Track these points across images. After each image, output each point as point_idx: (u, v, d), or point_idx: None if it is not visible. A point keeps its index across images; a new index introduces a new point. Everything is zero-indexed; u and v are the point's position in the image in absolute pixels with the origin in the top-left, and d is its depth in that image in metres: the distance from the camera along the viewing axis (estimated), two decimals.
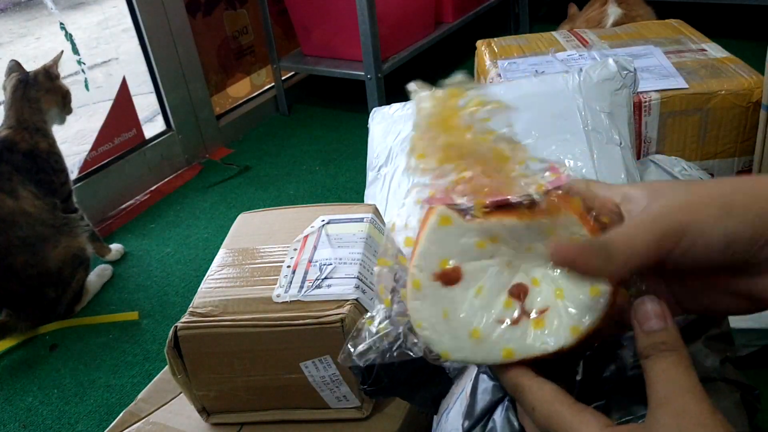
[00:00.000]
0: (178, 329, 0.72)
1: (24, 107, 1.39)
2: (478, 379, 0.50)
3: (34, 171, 1.37)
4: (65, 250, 1.37)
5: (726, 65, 1.28)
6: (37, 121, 1.40)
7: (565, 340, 0.36)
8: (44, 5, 1.71)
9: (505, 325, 0.37)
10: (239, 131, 2.12)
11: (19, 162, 1.35)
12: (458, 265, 0.37)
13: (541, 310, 0.37)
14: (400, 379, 0.59)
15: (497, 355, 0.37)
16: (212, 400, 0.77)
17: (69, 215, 1.42)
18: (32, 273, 1.33)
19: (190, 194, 1.82)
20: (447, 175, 0.37)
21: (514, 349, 0.36)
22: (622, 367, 0.42)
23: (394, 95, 1.81)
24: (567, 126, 1.01)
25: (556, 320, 0.36)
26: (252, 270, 0.78)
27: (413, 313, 0.38)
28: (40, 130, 1.40)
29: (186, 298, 1.39)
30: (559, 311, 0.36)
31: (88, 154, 1.74)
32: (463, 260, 0.37)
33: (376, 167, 1.15)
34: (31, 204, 1.34)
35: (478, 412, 0.48)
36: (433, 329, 0.37)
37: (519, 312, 0.37)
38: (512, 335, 0.37)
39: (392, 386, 0.59)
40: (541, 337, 0.36)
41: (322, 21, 2.03)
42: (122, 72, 1.82)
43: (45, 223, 1.35)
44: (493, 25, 2.53)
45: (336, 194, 1.73)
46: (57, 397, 1.19)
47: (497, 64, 1.41)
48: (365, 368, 0.58)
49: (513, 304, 0.37)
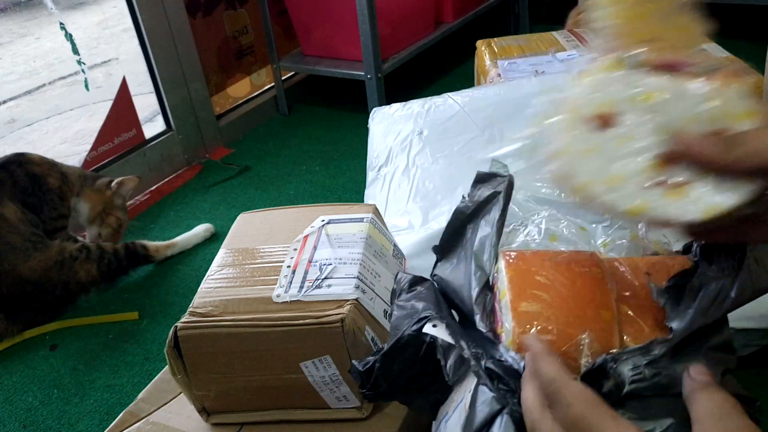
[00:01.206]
0: (178, 329, 0.72)
1: (77, 179, 1.46)
2: (478, 390, 0.49)
3: (27, 192, 1.38)
4: (41, 263, 1.35)
5: (726, 65, 1.28)
6: (66, 190, 1.45)
7: (701, 214, 0.36)
8: (44, 5, 1.71)
9: (647, 182, 0.37)
10: (239, 131, 2.12)
11: (21, 178, 1.37)
12: (616, 111, 0.38)
13: (682, 183, 0.37)
14: (398, 384, 0.59)
15: (626, 204, 0.37)
16: (212, 400, 0.77)
17: (50, 239, 1.41)
18: (4, 279, 1.32)
19: (190, 194, 1.82)
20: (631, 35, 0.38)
21: (647, 206, 0.37)
22: (620, 383, 0.42)
23: (394, 95, 1.81)
24: None
25: (695, 194, 0.36)
26: (252, 270, 0.78)
27: (559, 142, 0.38)
28: (64, 188, 1.44)
29: (186, 298, 1.39)
30: (699, 188, 0.36)
31: (88, 154, 1.74)
32: (623, 109, 0.38)
33: (376, 167, 1.15)
34: (13, 213, 1.34)
35: (477, 423, 0.48)
36: (572, 162, 0.38)
37: (663, 177, 0.37)
38: (650, 193, 0.37)
39: (391, 391, 0.59)
40: (677, 204, 0.36)
41: (322, 21, 2.03)
42: (122, 72, 1.82)
43: (22, 234, 1.34)
44: (493, 25, 2.53)
45: (336, 194, 1.73)
46: (57, 397, 1.19)
47: (497, 64, 1.41)
48: (364, 372, 0.58)
49: (658, 168, 0.37)
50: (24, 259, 1.33)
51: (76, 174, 1.47)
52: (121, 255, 1.46)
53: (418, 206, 1.03)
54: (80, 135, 1.82)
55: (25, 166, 1.39)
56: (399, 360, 0.57)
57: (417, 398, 0.61)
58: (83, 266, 1.40)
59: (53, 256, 1.36)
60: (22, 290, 1.34)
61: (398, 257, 0.88)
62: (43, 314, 1.38)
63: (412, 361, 0.57)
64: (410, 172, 1.08)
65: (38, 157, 1.43)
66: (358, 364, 0.59)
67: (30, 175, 1.39)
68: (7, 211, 1.33)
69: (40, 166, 1.41)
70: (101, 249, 1.44)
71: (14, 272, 1.32)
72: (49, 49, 2.17)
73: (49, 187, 1.41)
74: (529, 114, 1.03)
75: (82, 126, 1.80)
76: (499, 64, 1.41)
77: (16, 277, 1.32)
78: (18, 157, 1.40)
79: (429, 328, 0.55)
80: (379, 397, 0.60)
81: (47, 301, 1.38)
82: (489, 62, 1.44)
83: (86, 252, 1.41)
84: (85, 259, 1.40)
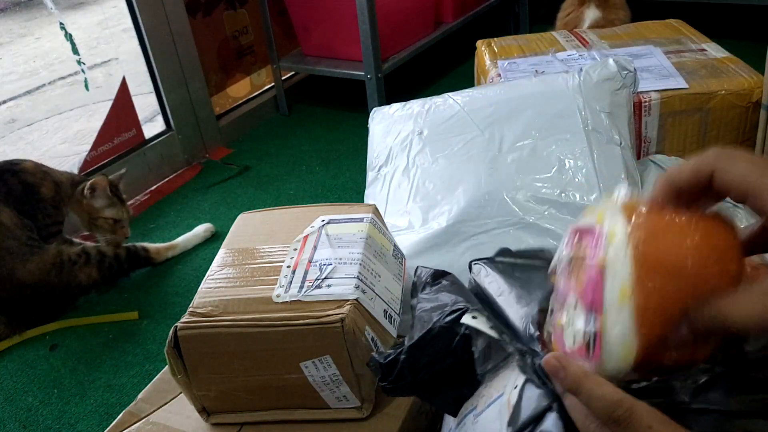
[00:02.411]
0: (178, 329, 0.72)
1: (70, 187, 1.45)
2: (525, 386, 0.49)
3: (22, 201, 1.37)
4: (39, 266, 1.35)
5: (726, 65, 1.28)
6: (59, 200, 1.44)
7: None
8: (44, 5, 1.71)
9: None
10: (239, 131, 2.12)
11: (15, 186, 1.37)
12: None
13: None
14: (424, 377, 0.57)
15: None
16: (212, 400, 0.77)
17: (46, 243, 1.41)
18: (2, 283, 1.32)
19: (190, 194, 1.82)
20: None
21: None
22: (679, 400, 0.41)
23: (394, 95, 1.81)
24: (567, 126, 1.01)
25: None
26: (252, 270, 0.78)
27: None
28: (57, 198, 1.43)
29: (186, 298, 1.39)
30: None
31: (88, 154, 1.74)
32: None
33: (376, 167, 1.15)
34: (9, 218, 1.34)
35: (523, 419, 0.47)
36: None
37: None
38: None
39: (414, 384, 0.58)
40: None
41: (322, 21, 2.03)
42: (122, 72, 1.82)
43: (18, 239, 1.34)
44: (493, 25, 2.53)
45: (336, 194, 1.73)
46: (57, 397, 1.19)
47: (497, 64, 1.41)
48: (386, 365, 0.57)
49: None
50: (22, 263, 1.33)
51: (69, 182, 1.46)
52: (122, 258, 1.46)
53: (418, 206, 1.03)
54: (80, 135, 1.82)
55: (18, 175, 1.38)
56: (428, 352, 0.56)
57: (441, 392, 0.60)
58: (83, 270, 1.40)
59: (50, 259, 1.36)
60: (21, 294, 1.34)
61: (398, 257, 0.87)
62: (44, 316, 1.38)
63: (443, 354, 0.56)
64: (410, 172, 1.08)
65: (32, 165, 1.42)
66: (379, 357, 0.57)
67: (24, 184, 1.38)
68: (3, 216, 1.33)
69: (33, 175, 1.40)
70: (101, 253, 1.44)
71: (12, 276, 1.32)
72: (49, 49, 2.17)
73: (41, 196, 1.40)
74: (529, 114, 1.03)
75: (82, 126, 1.80)
76: (499, 64, 1.41)
77: (14, 281, 1.33)
78: (12, 166, 1.39)
79: (468, 319, 0.54)
80: (399, 390, 0.58)
81: (47, 304, 1.38)
82: (489, 62, 1.44)
83: (86, 256, 1.41)
84: (85, 264, 1.41)
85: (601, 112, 1.02)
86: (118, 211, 1.47)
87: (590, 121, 1.01)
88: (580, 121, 1.01)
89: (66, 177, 1.47)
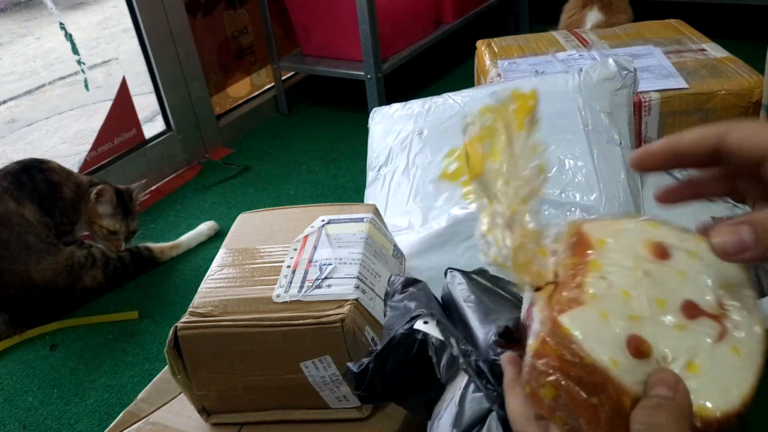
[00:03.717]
0: (178, 329, 0.72)
1: (87, 190, 1.46)
2: (468, 388, 0.49)
3: (45, 197, 1.40)
4: (51, 267, 1.36)
5: (726, 65, 1.28)
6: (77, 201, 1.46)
7: None
8: (44, 5, 1.71)
9: None
10: (239, 131, 2.12)
11: (41, 183, 1.40)
12: None
13: None
14: (392, 384, 0.58)
15: None
16: (212, 400, 0.77)
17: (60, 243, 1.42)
18: (13, 280, 1.33)
19: (190, 194, 1.82)
20: None
21: None
22: None
23: (394, 95, 1.81)
24: (567, 126, 1.01)
25: None
26: (252, 270, 0.78)
27: None
28: (77, 199, 1.45)
29: (186, 298, 1.38)
30: None
31: (88, 154, 1.74)
32: None
33: (376, 167, 1.15)
34: (32, 214, 1.37)
35: (466, 422, 0.47)
36: None
37: None
38: None
39: (385, 392, 0.59)
40: None
41: (322, 21, 2.03)
42: (122, 72, 1.82)
43: (39, 235, 1.36)
44: (493, 25, 2.53)
45: (336, 194, 1.73)
46: (57, 397, 1.19)
47: (497, 64, 1.41)
48: (359, 373, 0.58)
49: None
50: (36, 261, 1.35)
51: (87, 184, 1.49)
52: (126, 260, 1.47)
53: (418, 206, 1.03)
54: (80, 135, 1.82)
55: (45, 172, 1.42)
56: (392, 359, 0.57)
57: (411, 398, 0.61)
58: (89, 273, 1.41)
59: (63, 261, 1.38)
60: (29, 294, 1.35)
61: (398, 257, 0.88)
62: (46, 317, 1.38)
63: (405, 360, 0.57)
64: (410, 172, 1.08)
65: (57, 166, 1.46)
66: (353, 366, 0.59)
67: (49, 182, 1.42)
68: (27, 211, 1.36)
69: (58, 174, 1.44)
70: (106, 255, 1.45)
71: (25, 273, 1.34)
72: (49, 49, 2.17)
73: (63, 195, 1.43)
74: None
75: (82, 126, 1.80)
76: (499, 64, 1.41)
77: (26, 279, 1.34)
78: (39, 164, 1.43)
79: (420, 324, 0.55)
80: (373, 398, 0.59)
81: (51, 306, 1.38)
82: (489, 62, 1.44)
83: (92, 259, 1.43)
84: (91, 266, 1.42)
85: (601, 112, 1.02)
86: (116, 223, 1.47)
87: (590, 121, 1.01)
88: (580, 121, 1.02)
89: (86, 180, 1.50)
